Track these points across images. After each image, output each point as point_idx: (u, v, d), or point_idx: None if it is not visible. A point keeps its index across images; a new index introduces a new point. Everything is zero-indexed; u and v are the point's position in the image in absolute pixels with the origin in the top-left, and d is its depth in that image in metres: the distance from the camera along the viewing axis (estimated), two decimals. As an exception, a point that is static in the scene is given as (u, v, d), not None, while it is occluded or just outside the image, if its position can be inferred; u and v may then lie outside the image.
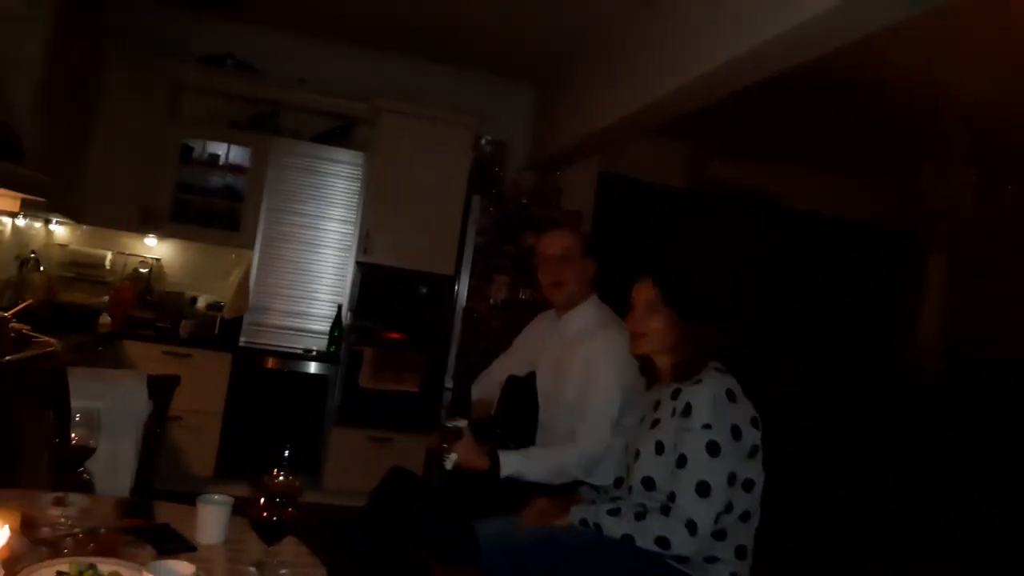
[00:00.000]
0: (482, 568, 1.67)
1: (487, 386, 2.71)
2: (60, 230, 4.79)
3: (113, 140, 4.53)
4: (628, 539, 1.78)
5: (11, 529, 1.30)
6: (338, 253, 4.85)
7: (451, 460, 1.99)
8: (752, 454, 1.85)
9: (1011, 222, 5.20)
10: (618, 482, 2.02)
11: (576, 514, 1.88)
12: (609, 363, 2.18)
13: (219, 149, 4.91)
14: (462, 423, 2.07)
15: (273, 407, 4.58)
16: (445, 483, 2.09)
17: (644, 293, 1.99)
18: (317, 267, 4.85)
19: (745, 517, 1.85)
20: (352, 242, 4.84)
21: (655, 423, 1.90)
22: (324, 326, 4.80)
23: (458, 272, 4.93)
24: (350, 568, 1.78)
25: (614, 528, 1.80)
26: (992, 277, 6.10)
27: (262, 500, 1.46)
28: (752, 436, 1.85)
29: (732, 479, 1.78)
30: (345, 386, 4.71)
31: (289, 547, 1.79)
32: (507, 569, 1.75)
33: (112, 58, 4.54)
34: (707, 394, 1.80)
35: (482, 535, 1.86)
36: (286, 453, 1.68)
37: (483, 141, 5.17)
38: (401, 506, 1.88)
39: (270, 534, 1.48)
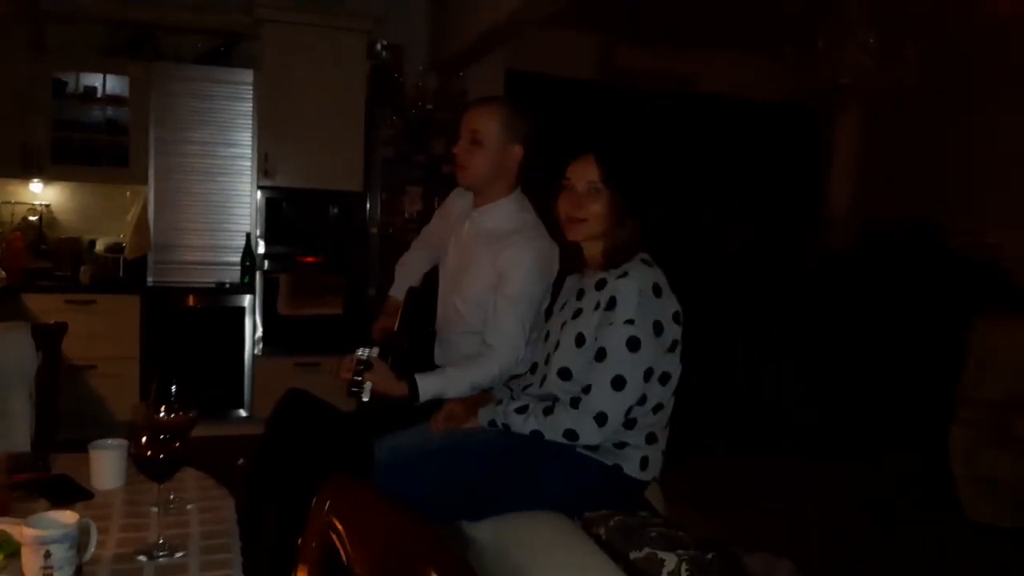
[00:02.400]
0: (386, 482, 1.64)
1: (408, 272, 2.62)
2: (-66, 184, 4.46)
3: (-25, 81, 4.17)
4: (536, 434, 1.77)
5: None
6: (237, 179, 4.62)
7: (367, 391, 1.94)
8: (671, 348, 1.82)
9: (912, 82, 5.25)
10: (533, 367, 1.98)
11: (484, 416, 1.85)
12: (524, 274, 2.08)
13: (94, 81, 4.57)
14: (372, 351, 1.99)
15: (191, 345, 4.44)
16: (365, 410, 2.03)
17: (585, 174, 1.84)
18: (219, 196, 4.61)
19: (657, 409, 1.83)
20: (251, 166, 4.61)
21: (577, 313, 1.85)
22: (233, 256, 4.60)
23: (368, 187, 4.78)
24: (253, 494, 1.74)
25: (522, 425, 1.78)
26: (901, 141, 6.22)
27: (143, 438, 1.39)
28: (673, 332, 1.81)
29: (649, 374, 1.76)
30: (265, 315, 4.59)
31: (194, 482, 1.75)
32: (415, 479, 1.72)
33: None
34: (632, 288, 1.74)
35: (390, 448, 1.83)
36: (172, 388, 1.62)
37: (378, 46, 4.93)
38: (298, 427, 1.83)
39: (156, 472, 1.41)
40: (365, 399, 1.90)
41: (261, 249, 4.59)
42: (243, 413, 4.57)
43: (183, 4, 4.57)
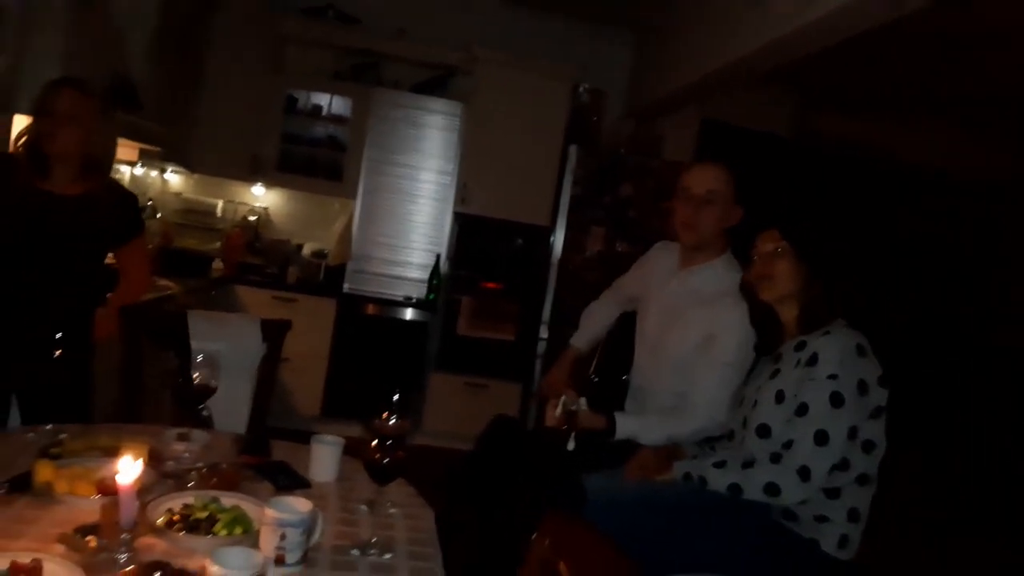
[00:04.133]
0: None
1: (594, 322, 2.66)
2: (174, 179, 5.02)
3: (221, 92, 4.68)
4: (735, 489, 1.75)
5: (141, 462, 1.37)
6: (435, 203, 4.91)
7: (572, 440, 2.01)
8: (876, 415, 1.78)
9: None
10: (730, 435, 1.98)
11: (679, 468, 1.85)
12: (736, 338, 2.07)
13: (322, 100, 5.01)
14: (580, 402, 2.05)
15: (374, 351, 4.73)
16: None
17: (770, 239, 1.91)
18: (415, 217, 4.92)
19: (862, 480, 1.79)
20: (449, 192, 4.88)
21: (775, 373, 1.86)
22: (421, 274, 4.89)
23: (554, 223, 4.91)
24: (461, 510, 1.83)
25: (720, 480, 1.77)
26: None
27: (374, 442, 1.50)
28: (878, 395, 1.78)
29: (853, 433, 1.73)
30: (443, 333, 4.81)
31: (397, 488, 1.85)
32: (609, 525, 1.74)
33: (219, 10, 4.66)
34: (835, 345, 1.75)
35: (587, 489, 1.86)
36: (395, 397, 1.71)
37: (580, 89, 5.08)
38: (507, 452, 1.90)
39: (381, 475, 1.52)
40: (570, 448, 1.96)
41: (445, 269, 4.84)
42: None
43: (409, 37, 4.93)
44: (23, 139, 2.35)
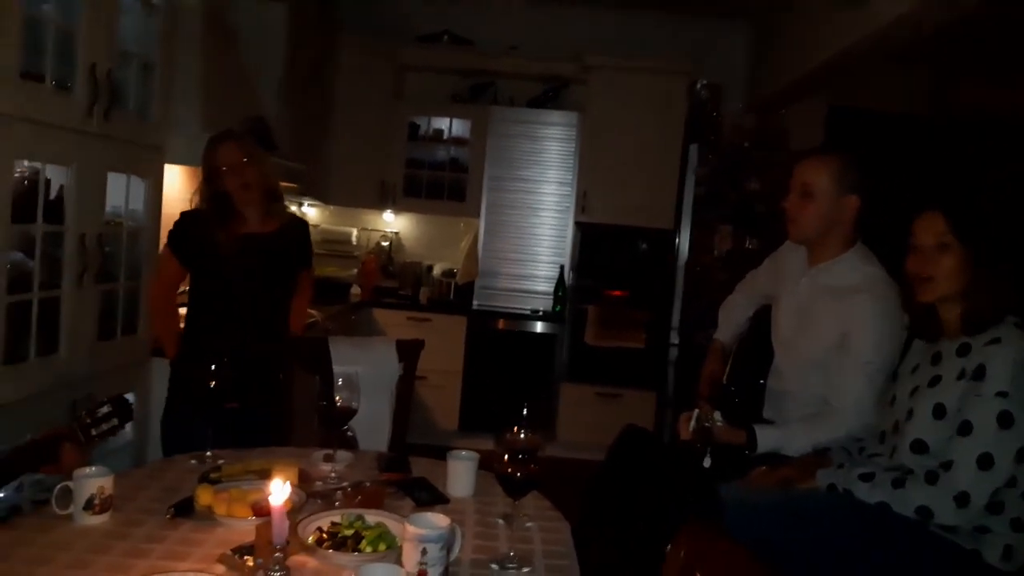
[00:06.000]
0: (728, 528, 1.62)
1: (732, 316, 2.60)
2: (311, 212, 5.29)
3: (349, 125, 4.90)
4: (883, 507, 1.65)
5: (291, 484, 1.45)
6: (557, 214, 4.95)
7: (708, 459, 1.96)
8: None
9: None
10: (881, 436, 1.85)
11: (824, 478, 1.76)
12: (874, 334, 1.97)
13: (442, 124, 5.16)
14: (717, 418, 1.99)
15: (506, 365, 4.80)
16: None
17: (932, 228, 1.72)
18: (538, 230, 4.98)
19: None
20: (570, 203, 4.91)
21: (935, 380, 1.71)
22: (547, 286, 4.94)
23: (678, 225, 4.82)
24: (596, 523, 1.81)
25: (867, 494, 1.67)
26: None
27: (506, 456, 1.52)
28: None
29: (1021, 455, 1.58)
30: (572, 344, 4.82)
31: (532, 500, 1.87)
32: (748, 535, 1.67)
33: (342, 46, 4.89)
34: (1006, 357, 1.58)
35: (724, 499, 1.80)
36: (524, 411, 1.72)
37: (698, 86, 4.97)
38: (639, 464, 1.88)
39: (515, 488, 1.54)
40: (706, 465, 1.92)
41: (570, 280, 4.85)
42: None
43: (521, 53, 5.00)
44: (200, 196, 2.54)
